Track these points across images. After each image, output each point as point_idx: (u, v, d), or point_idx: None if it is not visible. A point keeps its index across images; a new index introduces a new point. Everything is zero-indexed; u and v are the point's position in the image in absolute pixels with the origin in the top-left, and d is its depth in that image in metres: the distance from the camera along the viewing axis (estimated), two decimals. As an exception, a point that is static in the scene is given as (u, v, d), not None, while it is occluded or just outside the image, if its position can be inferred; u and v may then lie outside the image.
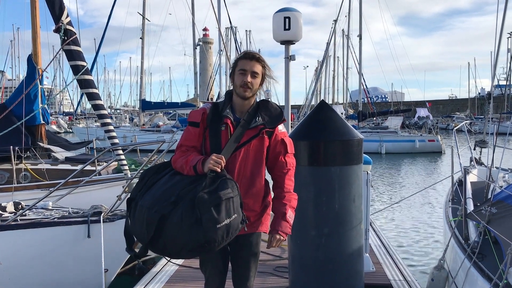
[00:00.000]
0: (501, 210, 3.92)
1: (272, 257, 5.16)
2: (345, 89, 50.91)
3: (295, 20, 5.66)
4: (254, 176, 2.59)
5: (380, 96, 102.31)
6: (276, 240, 2.56)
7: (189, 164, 2.45)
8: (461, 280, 3.75)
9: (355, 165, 3.88)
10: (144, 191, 2.44)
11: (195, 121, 2.59)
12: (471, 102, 69.54)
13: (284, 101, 6.54)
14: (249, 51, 2.66)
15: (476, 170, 6.73)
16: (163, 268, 4.87)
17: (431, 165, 22.29)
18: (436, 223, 9.74)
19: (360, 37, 32.15)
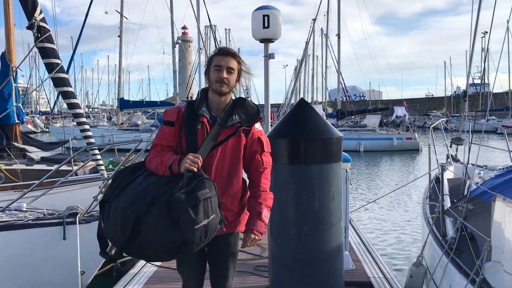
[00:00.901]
0: (477, 206, 3.98)
1: (252, 256, 5.14)
2: (324, 88, 51.28)
3: (274, 18, 5.65)
4: (231, 175, 2.55)
5: (358, 94, 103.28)
6: (251, 240, 2.53)
7: (164, 164, 2.40)
8: (439, 276, 3.79)
9: (335, 163, 3.88)
10: (118, 193, 2.37)
11: (170, 120, 2.54)
12: (447, 100, 70.81)
13: (263, 100, 6.52)
14: (224, 47, 2.63)
15: (452, 167, 6.82)
16: (141, 269, 4.79)
17: (409, 163, 22.61)
18: (414, 220, 9.87)
19: (339, 36, 32.41)
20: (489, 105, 29.78)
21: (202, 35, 29.59)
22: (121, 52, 30.74)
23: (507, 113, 50.12)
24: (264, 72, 6.29)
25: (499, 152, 7.10)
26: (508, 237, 2.81)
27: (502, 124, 43.67)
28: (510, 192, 3.57)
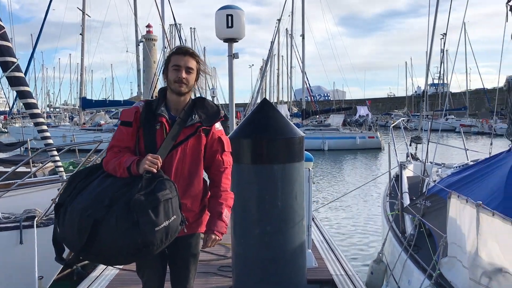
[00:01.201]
0: (434, 204, 4.11)
1: (216, 256, 5.12)
2: (289, 87, 51.65)
3: (237, 18, 5.64)
4: (192, 176, 2.53)
5: (323, 94, 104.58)
6: (211, 240, 2.52)
7: (122, 165, 2.34)
8: (398, 272, 3.89)
9: (297, 163, 3.91)
10: (74, 196, 2.30)
11: (128, 121, 2.48)
12: (408, 100, 72.67)
13: (228, 99, 6.53)
14: (182, 46, 2.59)
15: (412, 165, 7.01)
16: (102, 272, 4.70)
17: (371, 161, 23.09)
18: (376, 218, 10.09)
19: (303, 36, 32.72)
20: (446, 104, 30.79)
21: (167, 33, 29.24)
22: (83, 51, 30.02)
23: (465, 112, 51.93)
24: (229, 72, 6.29)
25: (458, 150, 7.35)
26: (462, 233, 2.91)
27: (460, 124, 45.25)
28: (465, 189, 3.70)
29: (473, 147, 10.67)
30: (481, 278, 2.66)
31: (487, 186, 3.49)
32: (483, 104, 56.71)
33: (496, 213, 2.55)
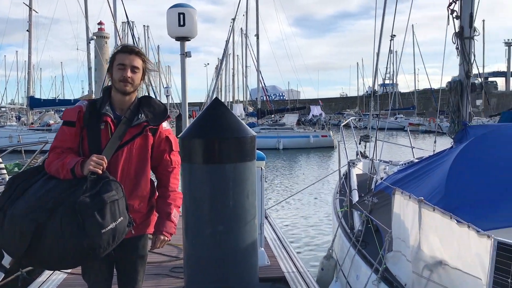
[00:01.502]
0: (381, 200, 4.25)
1: (169, 258, 5.06)
2: (244, 87, 51.79)
3: (189, 17, 5.60)
4: (138, 176, 2.50)
5: (278, 94, 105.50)
6: (160, 241, 2.50)
7: (66, 167, 2.28)
8: (347, 268, 4.00)
9: (249, 162, 3.91)
10: (14, 199, 2.21)
11: (71, 120, 2.42)
12: (360, 99, 74.60)
13: (181, 97, 6.48)
14: (127, 45, 2.55)
15: (361, 163, 7.21)
16: (49, 277, 4.54)
17: (325, 159, 23.54)
18: (328, 215, 10.30)
19: (257, 36, 32.93)
20: (391, 103, 31.94)
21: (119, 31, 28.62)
22: (30, 48, 28.90)
23: (414, 112, 53.89)
24: (181, 71, 6.25)
25: (407, 148, 7.64)
26: (406, 228, 3.03)
27: (409, 122, 46.90)
28: (410, 186, 3.85)
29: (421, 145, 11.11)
30: (423, 271, 2.78)
31: (430, 182, 3.64)
32: (430, 104, 59.07)
33: (437, 208, 2.67)
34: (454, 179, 3.41)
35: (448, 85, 4.83)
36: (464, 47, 4.74)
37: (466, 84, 4.72)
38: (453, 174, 3.43)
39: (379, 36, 6.07)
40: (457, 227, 2.44)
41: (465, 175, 3.44)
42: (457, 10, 4.91)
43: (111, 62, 2.48)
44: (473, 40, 4.81)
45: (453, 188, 3.33)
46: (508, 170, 3.34)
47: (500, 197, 3.16)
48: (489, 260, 2.21)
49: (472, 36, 4.81)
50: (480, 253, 2.29)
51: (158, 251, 5.07)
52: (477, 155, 3.62)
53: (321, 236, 8.91)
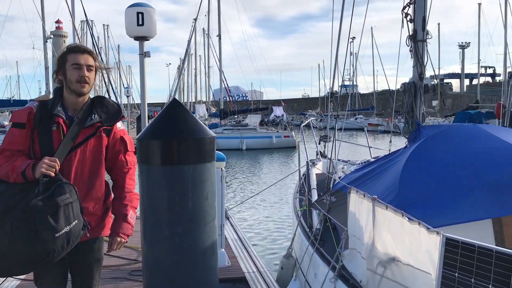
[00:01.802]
0: (339, 199, 4.33)
1: (128, 261, 4.98)
2: (207, 87, 51.48)
3: (148, 16, 5.54)
4: (93, 178, 2.45)
5: (241, 95, 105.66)
6: (117, 243, 2.47)
7: (16, 170, 2.21)
8: (306, 266, 4.05)
9: (208, 163, 3.90)
10: None
11: (20, 122, 2.34)
12: (321, 100, 75.62)
13: (140, 98, 6.42)
14: (78, 44, 2.51)
15: (321, 162, 7.33)
16: (1, 284, 4.38)
17: (287, 159, 23.76)
18: (289, 214, 10.41)
19: (219, 36, 32.87)
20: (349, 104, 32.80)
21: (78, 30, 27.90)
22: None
23: (373, 112, 55.13)
24: (140, 71, 6.18)
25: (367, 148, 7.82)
26: (361, 226, 3.10)
27: (368, 123, 47.95)
28: (365, 185, 3.94)
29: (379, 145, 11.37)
30: (377, 268, 2.86)
31: (384, 181, 3.75)
32: (388, 104, 60.62)
33: (389, 206, 2.75)
34: (407, 178, 3.51)
35: (402, 87, 4.98)
36: (417, 50, 4.89)
37: (419, 86, 4.88)
38: (406, 173, 3.54)
39: (337, 38, 6.18)
40: (408, 225, 2.52)
41: (417, 174, 3.56)
42: (410, 14, 5.06)
43: (62, 63, 2.42)
44: (425, 42, 4.97)
45: (406, 187, 3.43)
46: (457, 169, 3.48)
47: (449, 195, 3.28)
48: (438, 255, 2.29)
49: (425, 39, 4.97)
50: (430, 249, 2.37)
51: (117, 254, 4.99)
52: (428, 155, 3.75)
53: (282, 236, 8.99)
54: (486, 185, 3.29)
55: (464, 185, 3.32)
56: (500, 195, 3.22)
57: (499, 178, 3.34)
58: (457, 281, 2.23)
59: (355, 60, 58.48)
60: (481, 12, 46.13)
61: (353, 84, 62.16)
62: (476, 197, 3.22)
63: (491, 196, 3.22)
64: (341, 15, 6.10)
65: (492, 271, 2.09)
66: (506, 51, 16.58)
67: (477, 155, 3.57)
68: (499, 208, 3.17)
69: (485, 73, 75.14)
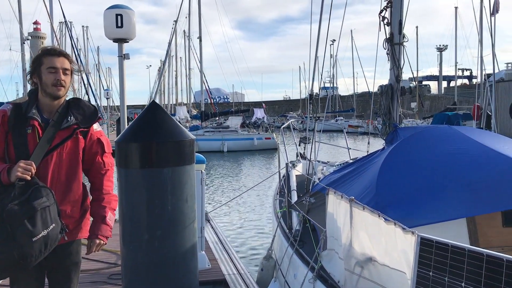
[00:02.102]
0: (318, 200, 4.37)
1: (107, 264, 4.94)
2: (188, 89, 51.27)
3: (127, 18, 5.52)
4: (70, 181, 2.44)
5: (222, 97, 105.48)
6: (96, 245, 2.46)
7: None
8: (285, 267, 4.08)
9: (188, 165, 3.90)
10: None
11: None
12: (302, 102, 76.03)
13: (119, 100, 6.38)
14: (54, 47, 2.50)
15: (301, 164, 7.38)
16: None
17: (268, 161, 23.82)
18: (269, 216, 10.45)
19: (200, 39, 32.80)
20: (326, 107, 33.09)
21: (56, 31, 27.53)
22: (-45, 47, 27.11)
23: (353, 114, 55.67)
24: (119, 73, 6.15)
25: (347, 149, 7.92)
26: (339, 227, 3.14)
27: (348, 124, 48.41)
28: (344, 186, 3.99)
29: (359, 146, 11.50)
30: (355, 268, 2.90)
31: (362, 182, 3.80)
32: (368, 106, 61.14)
33: (366, 207, 2.79)
34: (384, 179, 3.57)
35: (380, 89, 5.06)
36: (394, 53, 4.98)
37: (396, 88, 4.97)
38: (383, 174, 3.60)
39: (316, 41, 6.24)
40: (384, 225, 2.56)
41: (394, 175, 3.62)
42: (387, 17, 5.15)
43: (37, 66, 2.40)
44: (402, 46, 5.06)
45: (383, 188, 3.49)
46: (432, 170, 3.55)
47: (425, 196, 3.35)
48: (413, 255, 2.34)
49: (401, 42, 5.06)
50: (405, 249, 2.41)
51: (96, 258, 4.94)
52: (405, 156, 3.82)
53: (263, 237, 9.02)
54: (460, 185, 3.36)
55: (439, 186, 3.39)
56: (474, 195, 3.30)
57: (473, 179, 3.42)
58: (432, 279, 2.27)
59: (335, 62, 59.03)
60: (457, 15, 47.03)
61: (333, 86, 62.66)
62: (450, 197, 3.29)
63: (465, 196, 3.30)
64: (319, 18, 6.16)
65: (465, 269, 2.15)
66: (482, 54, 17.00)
67: (451, 156, 3.65)
68: (473, 207, 3.25)
69: (462, 75, 76.56)
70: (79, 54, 40.05)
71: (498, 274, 2.01)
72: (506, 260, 1.98)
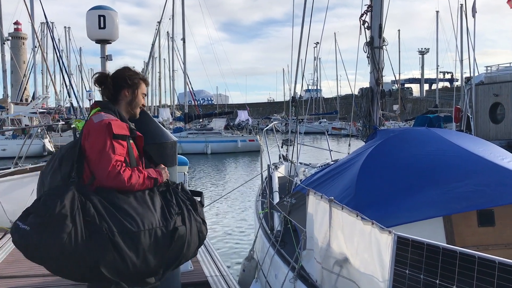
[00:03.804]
0: (299, 201, 4.42)
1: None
2: (172, 91, 51.07)
3: (110, 19, 5.51)
4: None
5: (206, 98, 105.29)
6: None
7: (147, 177, 2.48)
8: (267, 267, 4.11)
9: (170, 167, 3.91)
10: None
11: (126, 134, 2.50)
12: (286, 104, 76.35)
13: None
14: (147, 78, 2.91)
15: (283, 166, 7.43)
16: None
17: (252, 163, 23.87)
18: (252, 217, 10.48)
19: (184, 40, 32.72)
20: (308, 109, 33.40)
21: (38, 32, 27.19)
22: None
23: (336, 116, 56.08)
24: (102, 75, 6.11)
25: (328, 151, 8.00)
26: (318, 227, 3.19)
27: (332, 127, 48.76)
28: (324, 187, 4.04)
29: (343, 148, 11.61)
30: (334, 267, 2.94)
31: (342, 183, 3.86)
32: (351, 108, 61.73)
33: (345, 207, 2.84)
34: (363, 179, 3.63)
35: (360, 92, 5.14)
36: (374, 56, 5.06)
37: (376, 91, 5.05)
38: (362, 175, 3.66)
39: (298, 44, 6.29)
40: (361, 225, 2.61)
41: (373, 175, 3.68)
42: (368, 21, 5.23)
43: (136, 87, 2.70)
44: (382, 49, 5.15)
45: (363, 188, 3.55)
46: (410, 170, 3.62)
47: (403, 196, 3.41)
48: (390, 253, 2.39)
49: (381, 45, 5.15)
50: (382, 248, 2.47)
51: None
52: (384, 157, 3.89)
53: (246, 239, 9.04)
54: (437, 185, 3.44)
55: (416, 186, 3.46)
56: (450, 195, 3.38)
57: (450, 179, 3.50)
58: (408, 277, 2.33)
59: (318, 65, 59.40)
60: (439, 19, 47.77)
61: (317, 89, 63.02)
62: (427, 197, 3.37)
63: (442, 196, 3.37)
64: (302, 20, 6.22)
65: (439, 267, 2.20)
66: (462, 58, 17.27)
67: (429, 157, 3.73)
68: (448, 207, 3.32)
69: (444, 78, 77.76)
70: (61, 55, 39.58)
71: (471, 271, 2.06)
72: (478, 257, 2.04)
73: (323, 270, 3.05)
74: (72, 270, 2.24)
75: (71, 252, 2.14)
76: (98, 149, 2.35)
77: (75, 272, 2.26)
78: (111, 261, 2.19)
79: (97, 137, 2.38)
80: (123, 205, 2.28)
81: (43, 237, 2.12)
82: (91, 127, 2.42)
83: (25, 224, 2.17)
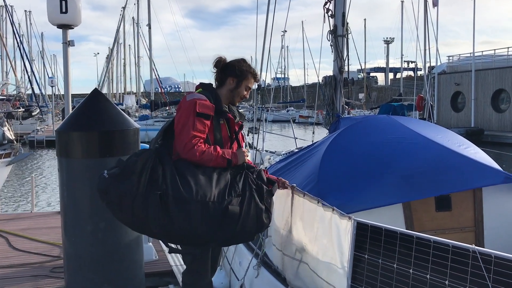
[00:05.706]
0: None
1: (49, 258, 4.82)
2: (137, 78, 50.12)
3: (72, 3, 5.36)
4: None
5: (173, 86, 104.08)
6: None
7: (221, 156, 2.63)
8: (231, 255, 4.13)
9: (133, 155, 3.85)
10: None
11: (209, 114, 2.68)
12: (253, 92, 76.21)
13: (63, 89, 6.20)
14: (258, 74, 3.07)
15: (249, 154, 7.43)
16: None
17: (220, 152, 23.81)
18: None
19: (149, 26, 32.16)
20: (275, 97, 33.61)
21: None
22: None
23: (304, 104, 56.49)
24: (63, 60, 5.99)
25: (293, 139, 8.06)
26: (281, 213, 3.21)
27: (299, 115, 49.10)
28: (288, 174, 4.07)
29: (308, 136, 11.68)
30: (295, 254, 2.98)
31: (305, 170, 3.89)
32: (319, 97, 62.28)
33: (306, 194, 2.88)
34: (326, 166, 3.68)
35: (324, 80, 5.17)
36: (337, 44, 5.10)
37: (339, 79, 5.10)
38: (325, 162, 3.70)
39: (264, 32, 6.27)
40: (323, 211, 2.65)
41: (335, 162, 3.73)
42: (331, 9, 5.26)
43: (243, 77, 2.89)
44: (345, 38, 5.20)
45: (325, 175, 3.59)
46: (371, 157, 3.68)
47: (363, 182, 3.48)
48: (349, 239, 2.44)
49: (345, 34, 5.19)
50: (342, 234, 2.52)
51: (37, 251, 4.80)
52: (345, 144, 3.94)
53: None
54: (397, 172, 3.52)
55: (376, 173, 3.53)
56: (410, 182, 3.46)
57: (409, 166, 3.59)
58: (367, 262, 2.39)
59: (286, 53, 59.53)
60: (403, 9, 48.54)
61: (285, 77, 63.23)
62: (387, 183, 3.44)
63: (401, 183, 3.46)
64: (267, 8, 6.20)
65: (397, 251, 2.27)
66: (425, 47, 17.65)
67: (389, 145, 3.80)
68: (408, 193, 3.41)
69: (408, 67, 79.38)
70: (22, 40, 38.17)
71: (426, 254, 2.13)
72: (434, 241, 2.11)
73: (284, 256, 3.09)
74: (127, 220, 2.60)
75: (128, 204, 2.49)
76: (182, 123, 2.66)
77: (129, 222, 2.64)
78: (159, 218, 2.45)
79: (182, 113, 2.70)
80: (187, 176, 2.51)
81: (111, 184, 2.53)
82: (182, 104, 2.75)
83: (107, 173, 2.58)
